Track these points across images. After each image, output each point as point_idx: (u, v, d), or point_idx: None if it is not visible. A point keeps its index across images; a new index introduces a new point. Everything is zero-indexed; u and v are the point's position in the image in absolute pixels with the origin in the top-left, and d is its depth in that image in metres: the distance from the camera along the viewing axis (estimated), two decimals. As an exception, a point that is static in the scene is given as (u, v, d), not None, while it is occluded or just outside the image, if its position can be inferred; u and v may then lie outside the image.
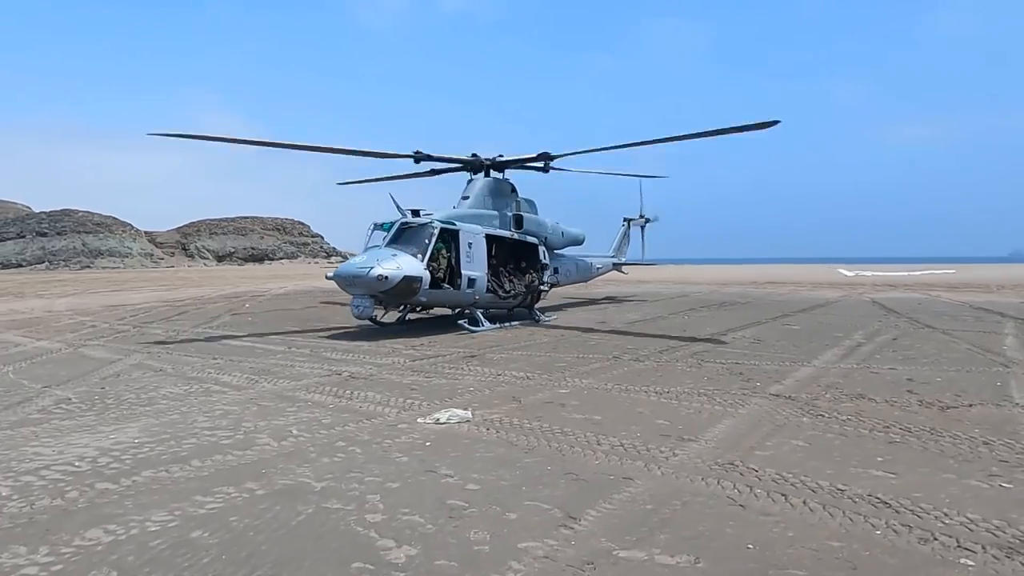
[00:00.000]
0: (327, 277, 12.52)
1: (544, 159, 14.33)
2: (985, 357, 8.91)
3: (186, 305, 20.13)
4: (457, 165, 14.80)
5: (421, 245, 12.02)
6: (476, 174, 14.69)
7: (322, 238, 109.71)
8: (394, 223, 12.58)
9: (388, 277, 11.25)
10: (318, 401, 6.59)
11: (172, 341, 11.38)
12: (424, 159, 14.03)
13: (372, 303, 11.66)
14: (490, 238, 13.60)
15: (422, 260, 11.83)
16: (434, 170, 15.15)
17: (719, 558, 3.14)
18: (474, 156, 14.41)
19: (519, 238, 14.54)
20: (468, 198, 14.14)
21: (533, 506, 3.79)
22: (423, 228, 12.27)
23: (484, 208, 14.12)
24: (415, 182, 16.42)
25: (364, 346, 10.55)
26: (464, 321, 12.88)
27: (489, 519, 3.60)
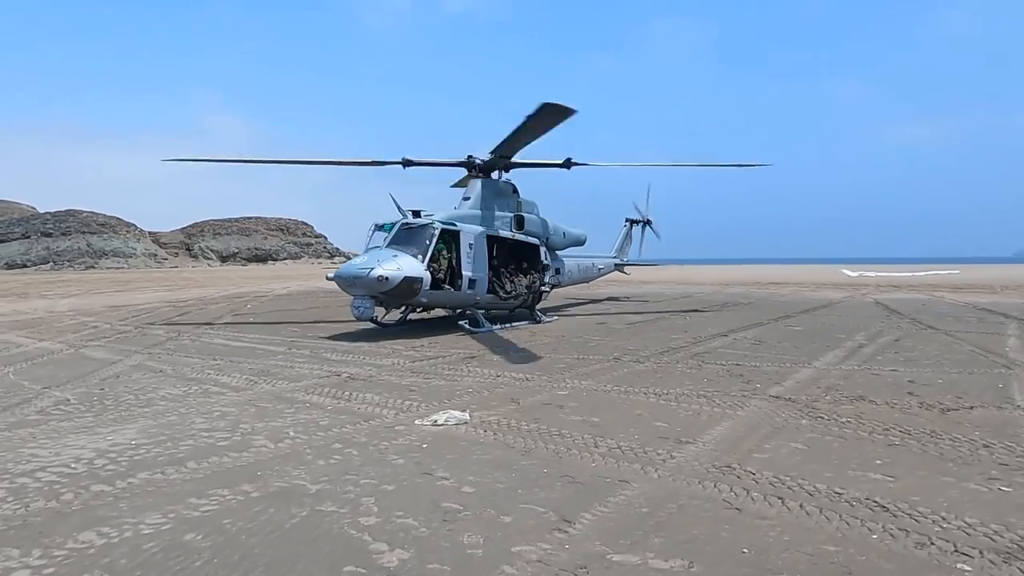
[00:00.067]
0: (327, 278, 12.52)
1: (500, 165, 14.28)
2: (987, 359, 8.86)
3: (189, 306, 20.16)
4: (458, 164, 14.75)
5: (422, 246, 12.01)
6: (475, 175, 14.66)
7: (325, 238, 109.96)
8: (395, 224, 12.57)
9: (388, 278, 11.24)
10: (316, 403, 6.59)
11: (173, 342, 11.39)
12: (411, 165, 14.08)
13: (373, 304, 11.65)
14: (491, 239, 13.59)
15: (423, 261, 11.82)
16: (474, 169, 14.77)
17: (713, 562, 3.12)
18: (469, 158, 14.37)
19: (520, 239, 14.51)
20: (469, 199, 14.12)
21: (528, 509, 3.77)
22: (424, 229, 12.25)
23: (485, 209, 14.09)
24: (413, 183, 16.40)
25: (364, 347, 10.55)
26: (465, 322, 12.87)
27: (483, 522, 3.59)
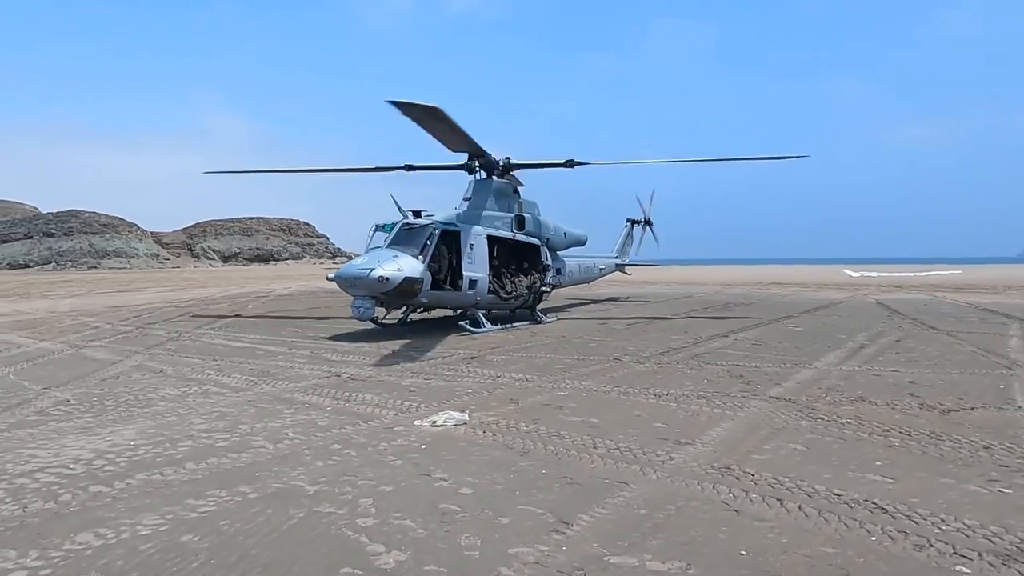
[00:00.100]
0: (328, 278, 12.52)
1: (500, 168, 14.27)
2: (989, 359, 8.83)
3: (190, 306, 20.18)
4: (469, 165, 14.71)
5: (422, 246, 12.00)
6: (478, 175, 14.66)
7: (327, 238, 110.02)
8: (395, 224, 12.57)
9: (389, 278, 11.24)
10: (316, 403, 6.58)
11: (173, 342, 11.40)
12: (414, 169, 14.13)
13: (373, 304, 11.65)
14: (492, 239, 13.58)
15: (423, 261, 11.82)
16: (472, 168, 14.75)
17: (711, 564, 3.11)
18: (470, 159, 14.36)
19: (521, 239, 14.51)
20: (470, 199, 14.11)
21: (526, 510, 3.76)
22: (424, 229, 12.25)
23: (486, 209, 14.08)
24: (416, 183, 16.45)
25: (364, 347, 10.55)
26: (465, 322, 12.86)
27: (481, 524, 3.58)
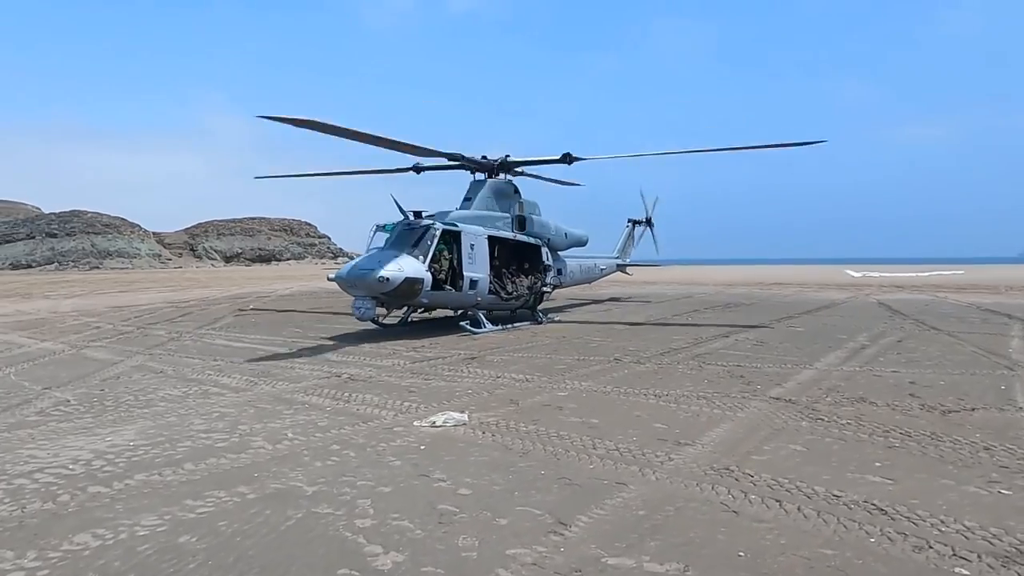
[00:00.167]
0: (328, 279, 12.53)
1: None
2: (990, 360, 8.80)
3: (191, 306, 20.21)
4: (469, 164, 14.75)
5: (423, 247, 12.00)
6: (478, 175, 14.68)
7: (329, 239, 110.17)
8: (396, 224, 12.58)
9: (389, 279, 11.24)
10: (315, 404, 6.58)
11: (174, 342, 11.41)
12: (423, 170, 14.17)
13: (374, 305, 11.65)
14: (492, 239, 13.58)
15: (424, 262, 11.82)
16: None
17: (709, 566, 3.10)
18: (483, 158, 14.39)
19: (522, 239, 14.51)
20: (471, 199, 14.12)
21: (524, 511, 3.76)
22: (425, 230, 12.25)
23: (487, 210, 14.09)
24: (418, 183, 16.49)
25: (365, 348, 10.55)
26: (466, 323, 12.86)
27: (479, 525, 3.58)
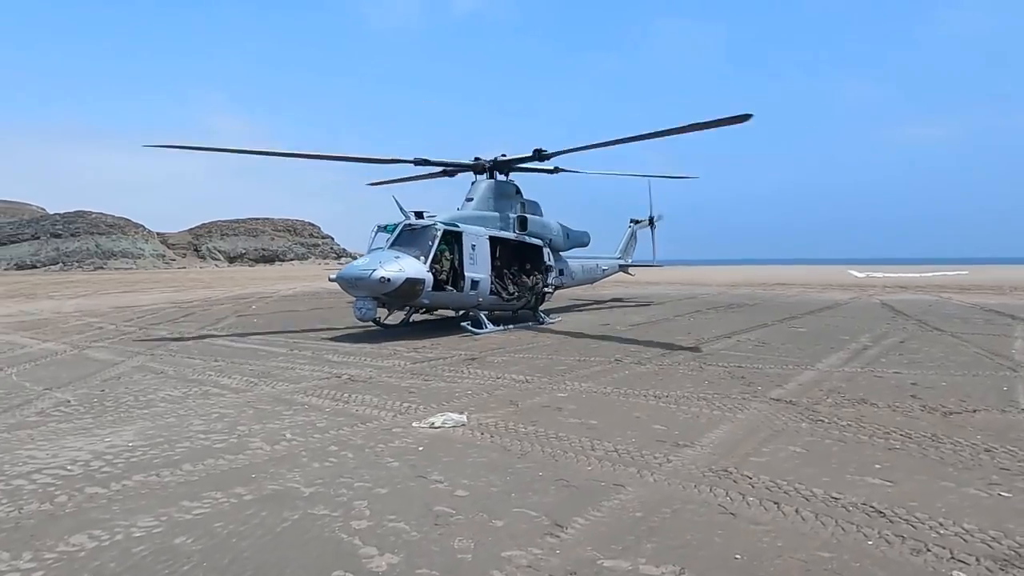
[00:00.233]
0: (330, 279, 12.55)
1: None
2: (993, 361, 8.76)
3: (194, 307, 20.26)
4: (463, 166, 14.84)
5: (424, 247, 12.00)
6: (480, 175, 14.69)
7: (332, 239, 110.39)
8: (397, 225, 12.58)
9: (390, 279, 11.25)
10: (315, 404, 6.58)
11: (176, 343, 11.44)
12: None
13: (375, 305, 11.66)
14: (494, 240, 13.57)
15: (425, 262, 11.82)
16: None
17: (705, 568, 3.08)
18: (476, 159, 14.41)
19: (523, 240, 14.50)
20: (472, 200, 14.12)
21: (521, 513, 3.75)
22: (426, 230, 12.25)
23: (488, 210, 14.09)
24: (416, 183, 16.54)
25: (366, 348, 10.55)
26: (467, 323, 12.85)
27: (475, 526, 3.57)
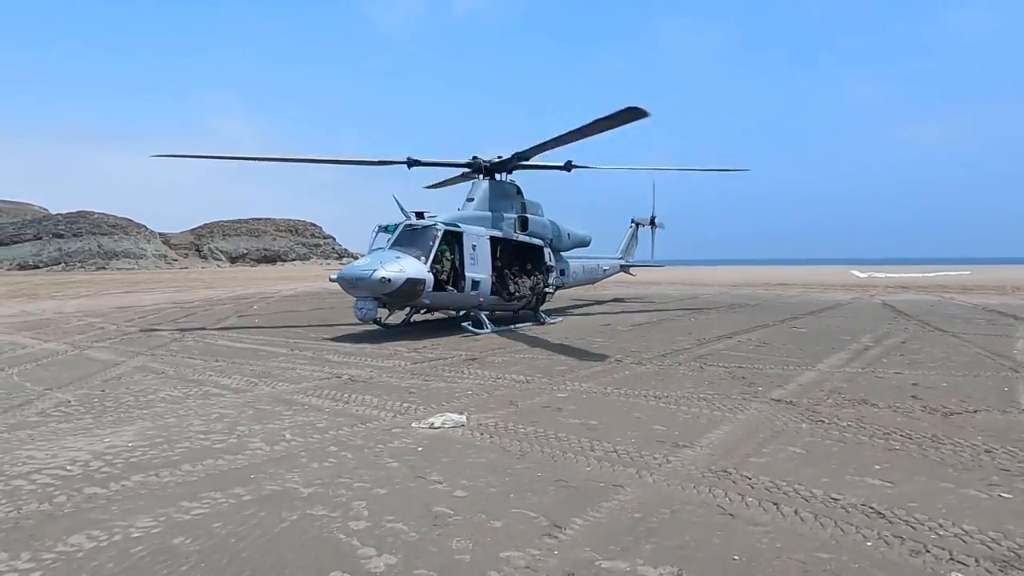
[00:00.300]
0: (330, 279, 12.55)
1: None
2: (994, 361, 8.74)
3: (195, 307, 20.28)
4: (459, 169, 14.87)
5: (425, 247, 12.00)
6: (479, 176, 14.68)
7: (334, 239, 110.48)
8: (398, 225, 12.58)
9: (391, 279, 11.25)
10: (315, 405, 6.59)
11: (176, 343, 11.45)
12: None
13: (375, 305, 11.67)
14: (495, 240, 13.57)
15: (425, 262, 11.82)
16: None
17: (703, 569, 3.08)
18: (474, 159, 14.39)
19: (524, 240, 14.49)
20: (473, 200, 14.11)
21: (519, 514, 3.74)
22: (427, 230, 12.25)
23: (488, 210, 14.08)
24: (417, 183, 16.59)
25: (367, 348, 10.56)
26: (468, 323, 12.85)
27: (473, 527, 3.56)
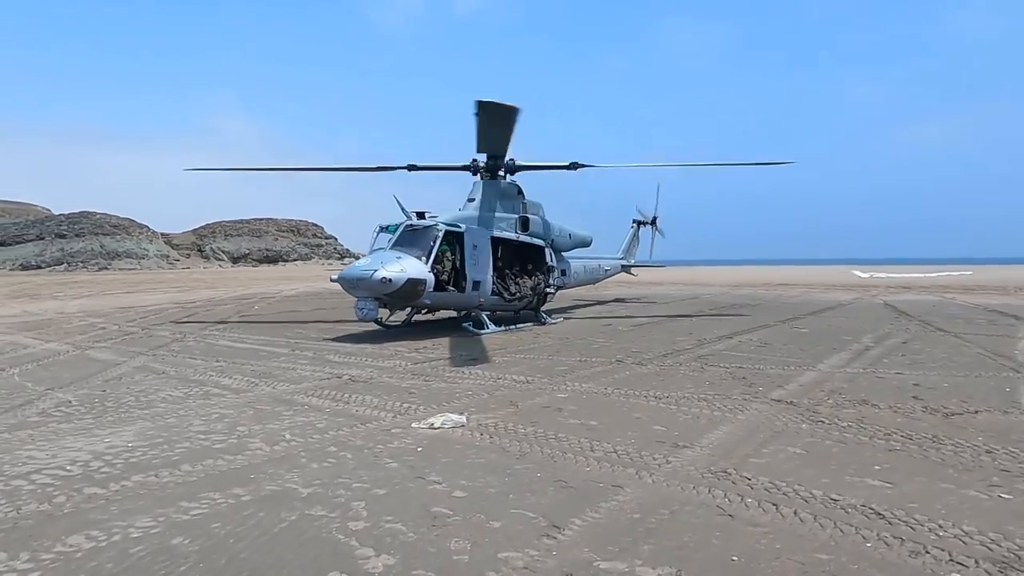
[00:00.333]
0: (332, 280, 12.56)
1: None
2: (995, 362, 8.72)
3: (197, 307, 20.31)
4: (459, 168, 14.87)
5: (426, 247, 12.01)
6: (479, 176, 14.68)
7: (335, 239, 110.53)
8: (399, 225, 12.59)
9: (392, 280, 11.25)
10: (315, 405, 6.59)
11: (178, 343, 11.46)
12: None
13: (376, 306, 11.67)
14: (495, 240, 13.58)
15: (426, 262, 11.83)
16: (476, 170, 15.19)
17: (701, 570, 3.07)
18: (474, 161, 14.39)
19: (525, 240, 14.49)
20: (474, 200, 14.12)
21: (518, 514, 3.74)
22: (428, 230, 12.26)
23: (489, 210, 14.07)
24: (417, 183, 16.60)
25: (367, 349, 10.56)
26: (469, 324, 12.85)
27: (472, 528, 3.56)
